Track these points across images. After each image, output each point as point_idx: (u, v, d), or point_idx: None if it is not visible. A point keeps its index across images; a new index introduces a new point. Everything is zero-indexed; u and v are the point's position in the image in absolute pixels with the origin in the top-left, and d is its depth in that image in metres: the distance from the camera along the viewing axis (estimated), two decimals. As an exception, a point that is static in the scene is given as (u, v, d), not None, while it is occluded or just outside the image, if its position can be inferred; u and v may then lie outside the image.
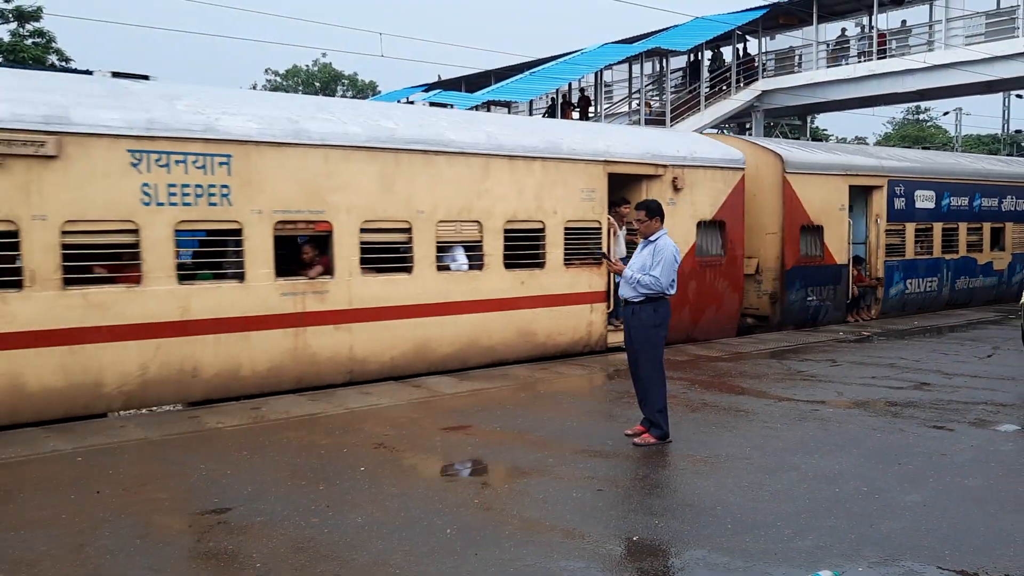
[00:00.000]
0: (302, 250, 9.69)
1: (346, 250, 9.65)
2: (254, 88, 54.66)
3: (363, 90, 56.23)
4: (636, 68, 29.69)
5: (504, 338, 11.05)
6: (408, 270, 10.19)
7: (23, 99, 7.94)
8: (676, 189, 12.80)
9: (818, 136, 49.25)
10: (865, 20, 28.47)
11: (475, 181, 10.68)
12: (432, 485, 6.17)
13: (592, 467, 6.60)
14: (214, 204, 8.78)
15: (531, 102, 30.08)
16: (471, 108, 24.62)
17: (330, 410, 8.54)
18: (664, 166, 12.69)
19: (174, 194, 8.53)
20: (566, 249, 11.61)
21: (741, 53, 29.99)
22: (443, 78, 35.96)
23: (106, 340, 8.21)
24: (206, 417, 8.19)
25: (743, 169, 13.83)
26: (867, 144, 48.24)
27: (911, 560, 4.77)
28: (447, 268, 10.57)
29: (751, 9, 27.62)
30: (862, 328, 14.82)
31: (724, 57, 29.99)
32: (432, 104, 24.49)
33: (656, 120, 27.26)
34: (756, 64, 29.58)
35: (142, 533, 5.20)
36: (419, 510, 5.57)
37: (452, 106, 22.82)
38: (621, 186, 12.43)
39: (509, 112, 29.71)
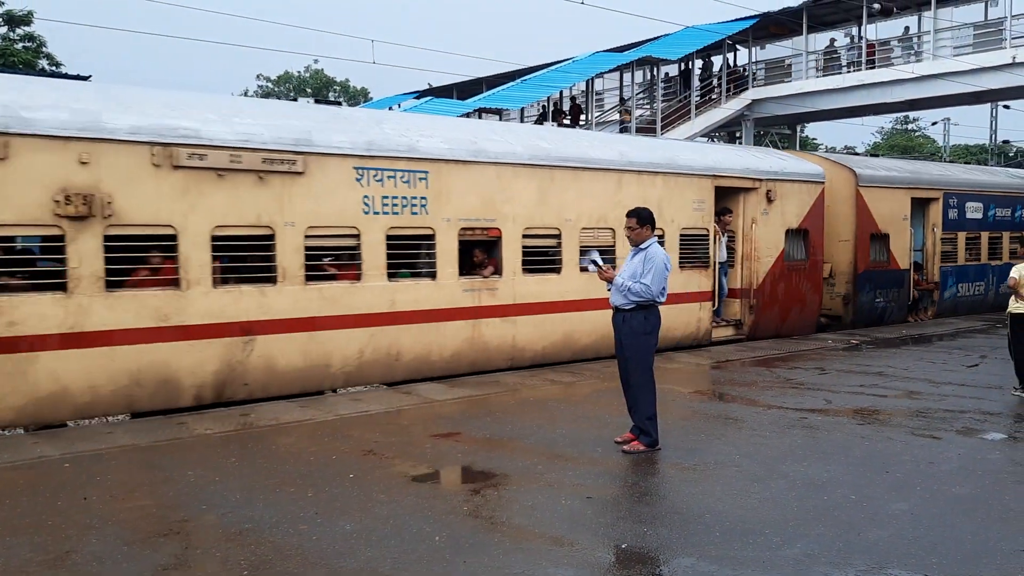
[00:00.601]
0: (473, 253, 11.13)
1: (511, 253, 11.23)
2: (245, 94, 54.60)
3: (355, 96, 56.26)
4: (627, 77, 29.81)
5: None
6: (557, 271, 11.74)
7: (279, 125, 9.51)
8: (769, 200, 14.37)
9: (807, 145, 49.49)
10: (854, 30, 28.66)
11: (610, 193, 12.21)
12: (421, 492, 6.16)
13: (581, 474, 6.60)
14: (415, 213, 10.34)
15: (522, 110, 30.15)
16: (463, 115, 24.66)
17: (319, 416, 8.52)
18: (759, 180, 14.30)
19: (386, 204, 10.12)
20: (681, 253, 13.10)
21: (731, 63, 30.15)
22: (434, 85, 36.03)
23: (335, 328, 9.75)
24: (194, 424, 8.16)
25: (823, 183, 15.45)
26: (857, 153, 48.45)
27: (898, 568, 4.79)
28: (586, 270, 11.39)
29: (742, 19, 27.78)
30: (850, 336, 14.91)
31: (714, 67, 30.15)
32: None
33: (647, 129, 27.35)
34: (745, 73, 29.73)
35: (129, 540, 5.18)
36: (408, 517, 5.57)
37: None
38: (721, 197, 13.89)
39: (500, 119, 29.75)
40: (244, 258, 9.22)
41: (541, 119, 29.55)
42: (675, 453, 7.22)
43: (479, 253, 11.13)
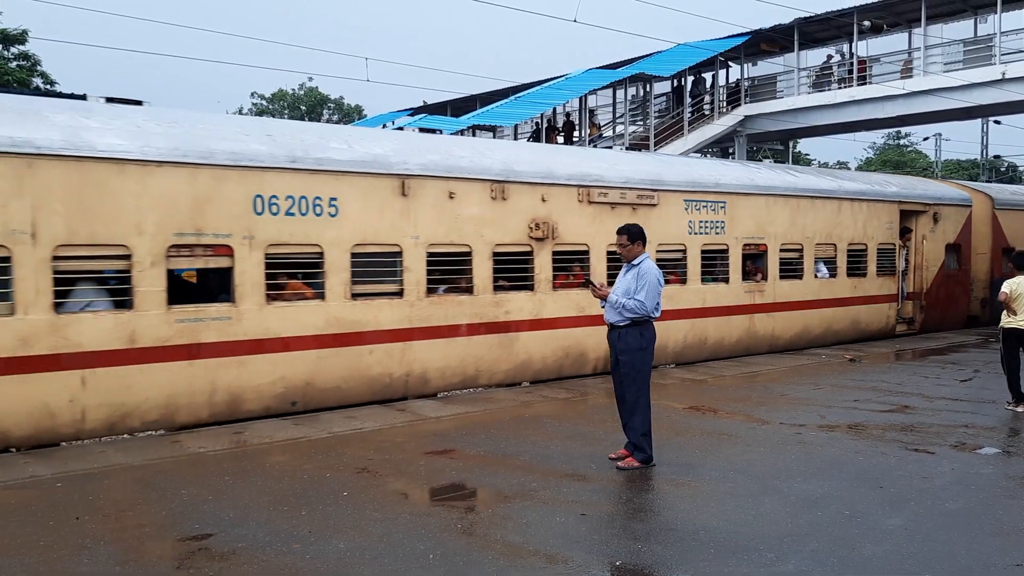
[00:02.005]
0: (746, 263, 14.44)
1: (772, 263, 14.78)
2: (240, 112, 54.74)
3: (349, 114, 56.40)
4: (620, 93, 29.94)
5: (843, 325, 16.29)
6: (800, 276, 15.31)
7: (644, 170, 13.15)
8: (935, 221, 18.03)
9: (800, 160, 49.74)
10: (845, 47, 28.85)
11: (832, 216, 15.89)
12: (415, 510, 6.15)
13: (575, 491, 6.59)
14: (717, 233, 13.86)
15: (516, 127, 30.24)
16: (456, 132, 24.73)
17: (313, 434, 8.50)
18: (929, 205, 18.01)
19: (701, 226, 13.63)
20: (877, 264, 16.83)
21: (724, 79, 30.33)
22: (429, 102, 36.14)
23: (671, 319, 12.69)
24: (188, 442, 8.14)
25: (971, 206, 19.16)
26: (849, 168, 48.77)
27: (893, 584, 4.79)
28: (815, 276, 15.63)
29: (733, 36, 27.96)
30: (844, 351, 14.95)
31: (706, 83, 30.30)
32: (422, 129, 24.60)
33: (640, 144, 27.46)
34: (738, 89, 29.90)
35: (122, 560, 5.15)
36: (402, 535, 5.55)
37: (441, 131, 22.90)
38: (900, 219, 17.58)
39: (494, 136, 29.87)
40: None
41: (535, 136, 29.61)
42: (669, 469, 7.21)
43: (750, 263, 14.59)
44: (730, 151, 31.23)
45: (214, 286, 9.56)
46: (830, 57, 29.19)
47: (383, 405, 9.98)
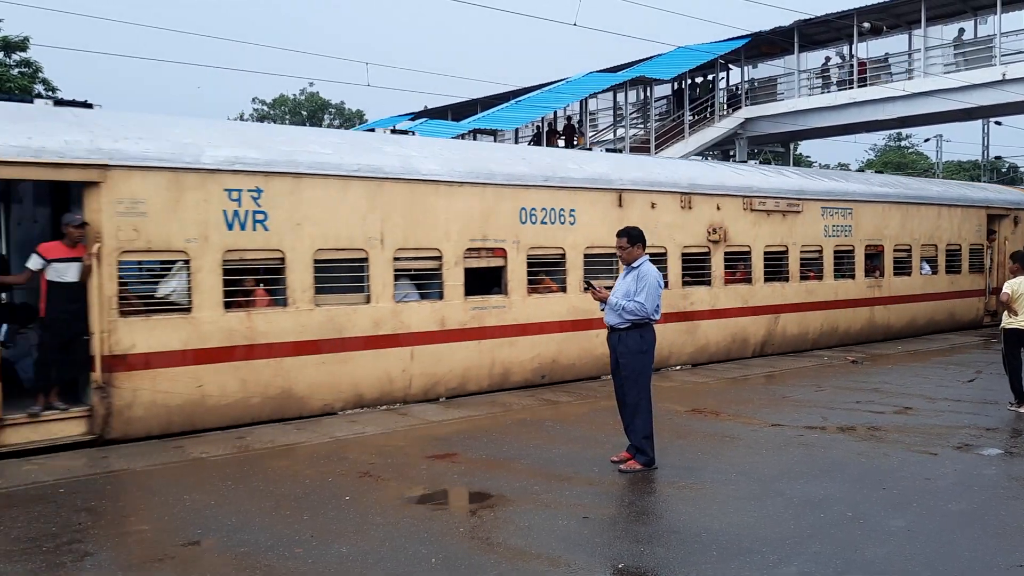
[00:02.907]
0: (866, 261, 16.49)
1: (888, 261, 16.93)
2: (241, 117, 54.80)
3: (350, 119, 56.48)
4: (620, 96, 29.96)
5: (942, 316, 18.35)
6: (908, 273, 17.44)
7: (791, 181, 15.41)
8: (1015, 224, 20.16)
9: (800, 163, 49.73)
10: (846, 49, 28.86)
11: (934, 220, 18.03)
12: (417, 514, 6.15)
13: (578, 494, 6.59)
14: (846, 236, 16.10)
15: (517, 131, 30.27)
16: (457, 136, 24.75)
17: (315, 439, 8.51)
18: (1010, 209, 20.14)
19: (834, 230, 15.85)
20: (969, 262, 18.94)
21: (725, 82, 30.35)
22: (429, 107, 36.17)
23: (809, 310, 15.37)
24: (190, 447, 8.15)
25: None
26: (850, 170, 48.75)
27: (895, 585, 4.79)
28: (920, 273, 17.68)
29: (733, 39, 27.99)
30: (846, 353, 14.94)
31: (707, 85, 30.31)
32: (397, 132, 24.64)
33: (641, 148, 27.47)
34: (738, 92, 29.93)
35: (124, 565, 5.16)
36: (404, 539, 5.55)
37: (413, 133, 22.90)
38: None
39: (495, 140, 29.86)
40: (775, 265, 14.84)
41: (536, 139, 29.61)
42: (672, 472, 7.21)
43: (869, 262, 16.59)
44: (731, 154, 31.24)
45: (490, 281, 11.44)
46: (828, 59, 29.21)
47: (385, 410, 9.99)
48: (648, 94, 30.31)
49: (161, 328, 8.62)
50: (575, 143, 28.82)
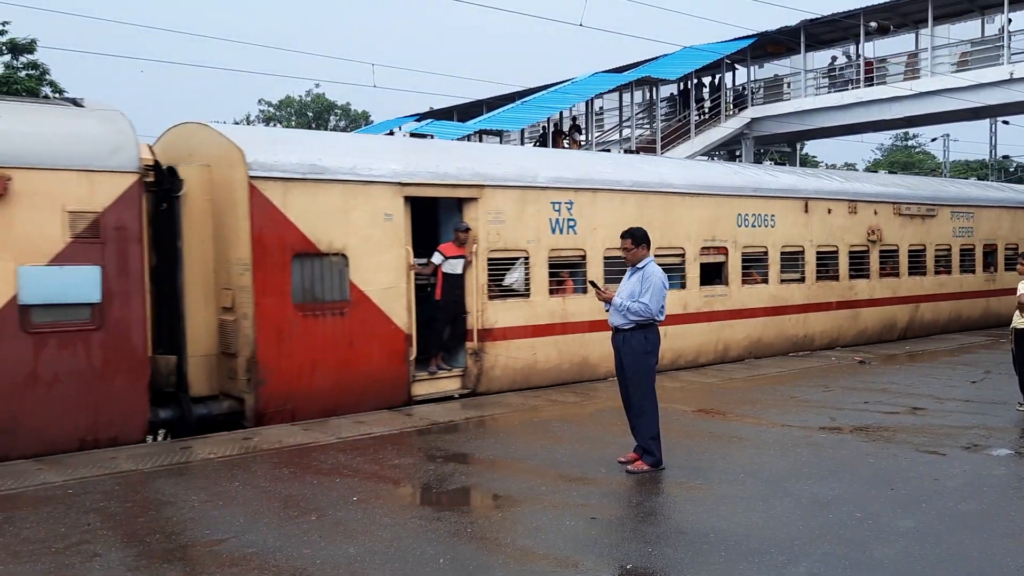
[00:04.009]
0: (983, 258, 19.06)
1: (998, 258, 19.21)
2: (247, 119, 54.92)
3: (356, 120, 56.54)
4: (627, 97, 29.93)
5: None
6: (1012, 268, 18.21)
7: (927, 189, 18.05)
8: None
9: (807, 163, 49.62)
10: (852, 49, 28.78)
11: (1020, 221, 20.10)
12: (425, 514, 6.15)
13: (585, 495, 6.58)
14: (968, 236, 18.49)
15: (522, 131, 30.25)
16: (462, 137, 24.75)
17: (323, 439, 8.51)
18: None
19: (960, 231, 18.30)
20: None
21: (730, 82, 30.30)
22: (435, 108, 36.17)
23: (941, 300, 17.75)
24: (198, 448, 8.16)
25: None
26: (856, 170, 48.64)
27: (905, 586, 4.77)
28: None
29: (740, 38, 27.93)
30: (854, 353, 14.89)
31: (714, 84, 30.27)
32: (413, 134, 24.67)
33: (647, 148, 27.44)
34: (744, 92, 29.88)
35: (133, 566, 5.16)
36: (412, 540, 5.55)
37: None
38: None
39: (500, 141, 29.86)
40: (916, 261, 17.18)
41: (541, 140, 29.58)
42: (679, 472, 7.19)
43: (984, 259, 18.82)
44: (737, 154, 31.19)
45: (712, 274, 13.73)
46: (834, 59, 29.13)
47: (392, 411, 10.00)
48: (654, 94, 30.28)
49: (511, 309, 11.26)
50: (580, 145, 28.82)
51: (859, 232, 15.93)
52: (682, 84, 30.02)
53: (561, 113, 28.96)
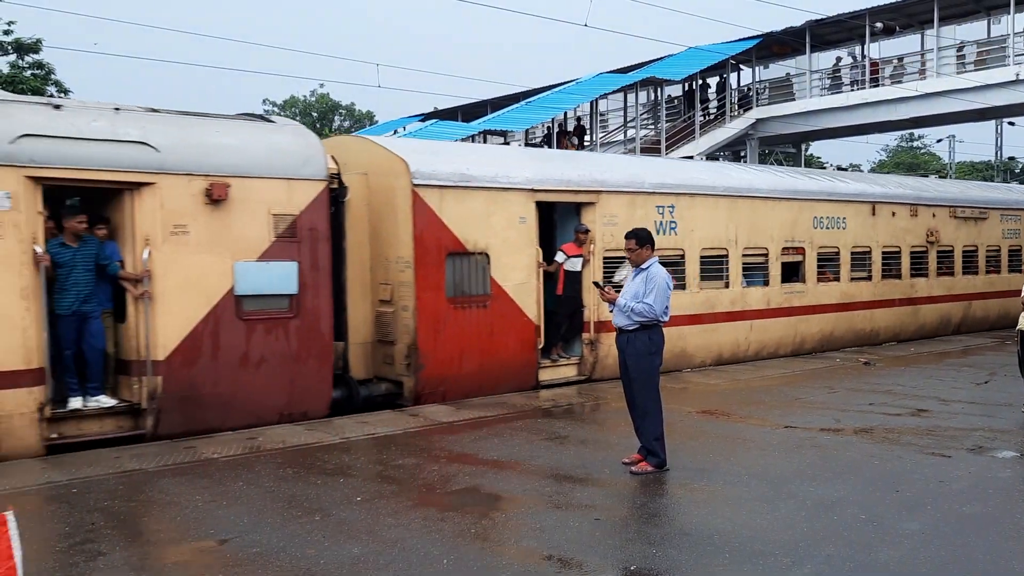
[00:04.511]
0: None
1: None
2: (252, 118, 54.89)
3: (360, 120, 56.59)
4: (631, 97, 29.90)
5: None
6: None
7: (980, 194, 19.13)
8: None
9: (812, 163, 49.53)
10: (858, 49, 28.73)
11: None
12: (429, 515, 6.14)
13: (589, 496, 6.57)
14: (1016, 238, 19.25)
15: (527, 131, 30.24)
16: (467, 138, 24.74)
17: (326, 440, 8.52)
18: None
19: (1008, 233, 19.17)
20: None
21: (735, 83, 30.26)
22: (439, 108, 36.17)
23: (988, 299, 18.68)
24: (202, 448, 8.17)
25: None
26: (861, 171, 48.57)
27: (910, 588, 4.75)
28: None
29: (745, 39, 27.89)
30: (859, 355, 14.86)
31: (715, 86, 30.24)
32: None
33: (651, 149, 27.41)
34: (749, 93, 29.84)
35: (137, 566, 5.17)
36: (415, 540, 5.55)
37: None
38: None
39: (505, 141, 29.86)
40: (969, 261, 18.19)
41: (546, 140, 29.58)
42: (683, 474, 7.18)
43: None
44: (742, 154, 31.14)
45: (789, 273, 14.78)
46: (839, 60, 29.08)
47: (396, 412, 10.00)
48: (659, 95, 30.24)
49: None
50: (585, 145, 28.79)
51: (919, 234, 17.07)
52: (687, 84, 29.98)
53: (566, 113, 28.95)
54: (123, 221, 8.58)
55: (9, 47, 30.03)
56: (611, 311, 7.52)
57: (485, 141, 27.87)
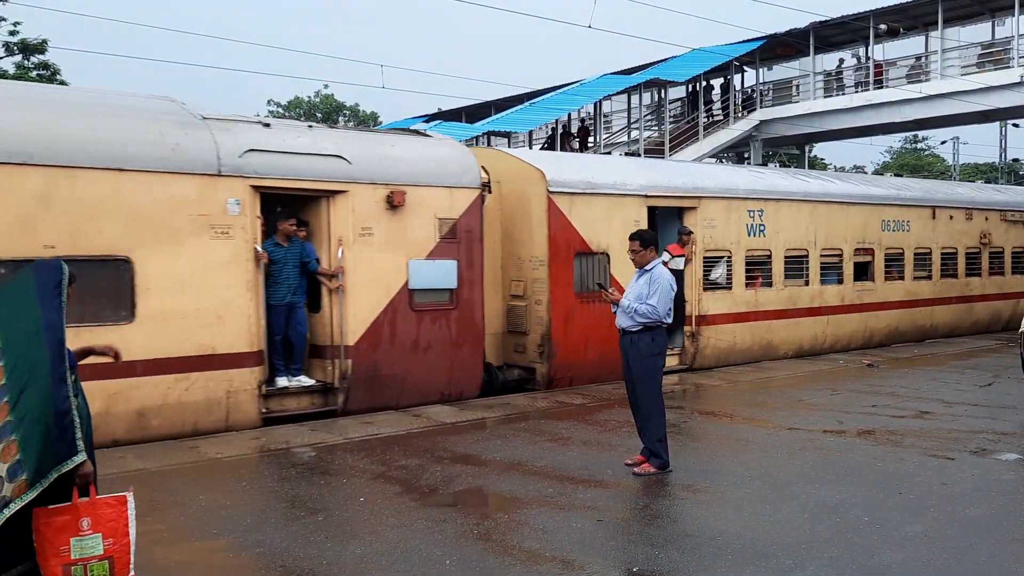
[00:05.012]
0: None
1: None
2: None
3: (364, 121, 56.63)
4: (635, 99, 29.90)
5: None
6: None
7: (1021, 197, 20.41)
8: None
9: (816, 165, 49.47)
10: (861, 51, 28.70)
11: None
12: (431, 516, 6.15)
13: (592, 497, 6.57)
14: None
15: (530, 133, 30.27)
16: (470, 139, 24.75)
17: (330, 440, 8.53)
18: None
19: None
20: None
21: (739, 85, 30.25)
22: (443, 109, 36.21)
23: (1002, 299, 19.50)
24: (206, 448, 8.18)
25: None
26: (866, 173, 48.51)
27: (913, 591, 4.75)
28: None
29: (749, 40, 27.89)
30: (861, 356, 14.84)
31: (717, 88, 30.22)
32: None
33: (655, 150, 27.41)
34: (753, 94, 29.83)
35: (140, 564, 5.16)
36: (418, 541, 5.55)
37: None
38: None
39: (508, 143, 29.85)
40: (1018, 261, 19.09)
41: (550, 141, 29.59)
42: (686, 475, 7.18)
43: None
44: (745, 156, 31.12)
45: (859, 271, 15.88)
46: (842, 61, 29.06)
47: (399, 413, 10.01)
48: (662, 96, 30.24)
49: (718, 299, 13.48)
50: (588, 146, 28.79)
51: (973, 236, 18.19)
52: (691, 86, 29.98)
53: (569, 115, 28.95)
54: (319, 224, 9.86)
55: (15, 47, 30.10)
56: (614, 312, 7.51)
57: (488, 142, 27.89)
